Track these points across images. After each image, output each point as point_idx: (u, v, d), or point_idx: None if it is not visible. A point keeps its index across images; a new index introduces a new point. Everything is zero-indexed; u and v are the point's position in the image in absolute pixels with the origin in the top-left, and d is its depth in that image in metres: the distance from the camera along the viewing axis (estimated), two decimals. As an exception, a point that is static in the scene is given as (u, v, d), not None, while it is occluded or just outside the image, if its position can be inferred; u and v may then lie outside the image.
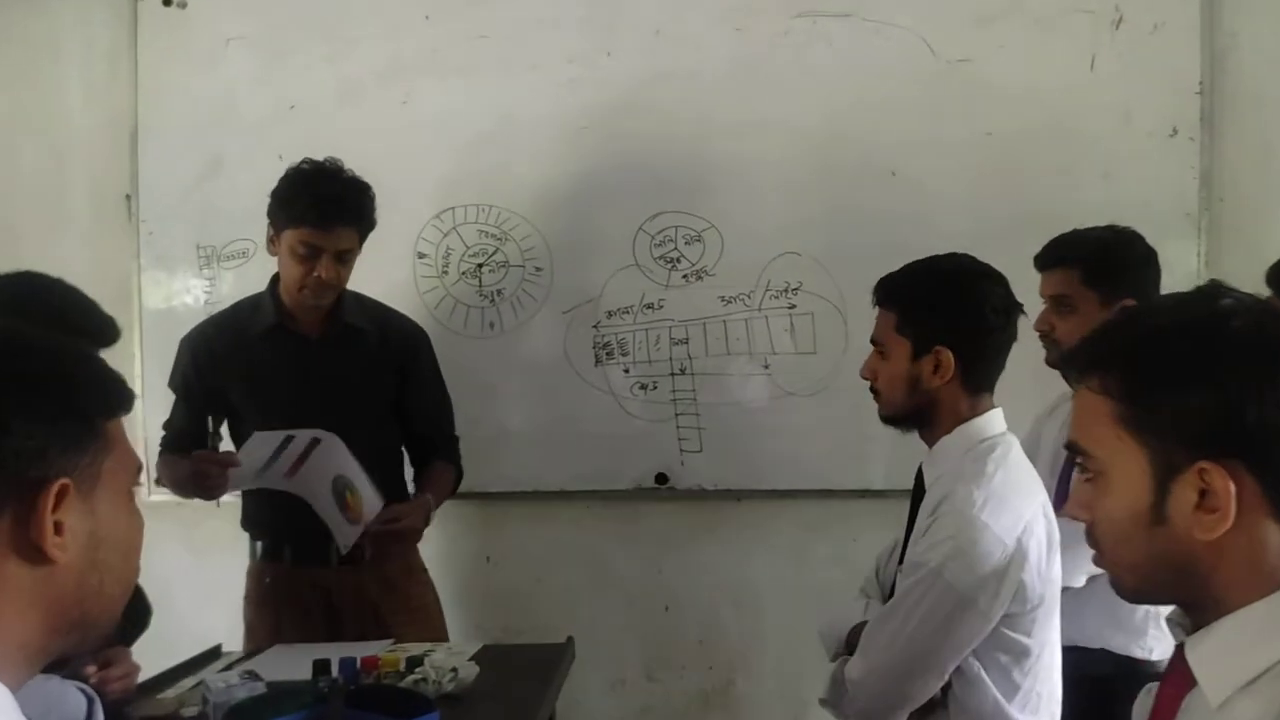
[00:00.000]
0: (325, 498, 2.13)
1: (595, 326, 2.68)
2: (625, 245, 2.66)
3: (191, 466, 2.09)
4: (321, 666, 1.67)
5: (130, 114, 2.79)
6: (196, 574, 2.87)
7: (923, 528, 1.58)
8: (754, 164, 2.61)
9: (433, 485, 2.28)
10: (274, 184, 2.73)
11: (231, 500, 2.81)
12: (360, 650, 1.79)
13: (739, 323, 2.64)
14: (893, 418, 1.69)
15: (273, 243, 2.15)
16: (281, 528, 2.25)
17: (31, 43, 2.80)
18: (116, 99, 2.79)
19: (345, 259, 2.12)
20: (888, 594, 1.70)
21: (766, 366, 2.63)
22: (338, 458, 2.07)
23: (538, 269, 2.69)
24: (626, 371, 2.68)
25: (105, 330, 1.62)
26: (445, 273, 2.72)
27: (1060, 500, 1.95)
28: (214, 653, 2.04)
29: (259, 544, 2.30)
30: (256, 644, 2.21)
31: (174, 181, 2.78)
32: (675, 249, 2.65)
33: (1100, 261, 1.95)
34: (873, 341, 1.69)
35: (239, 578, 2.87)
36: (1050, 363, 1.99)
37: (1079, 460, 0.96)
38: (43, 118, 2.81)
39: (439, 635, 2.30)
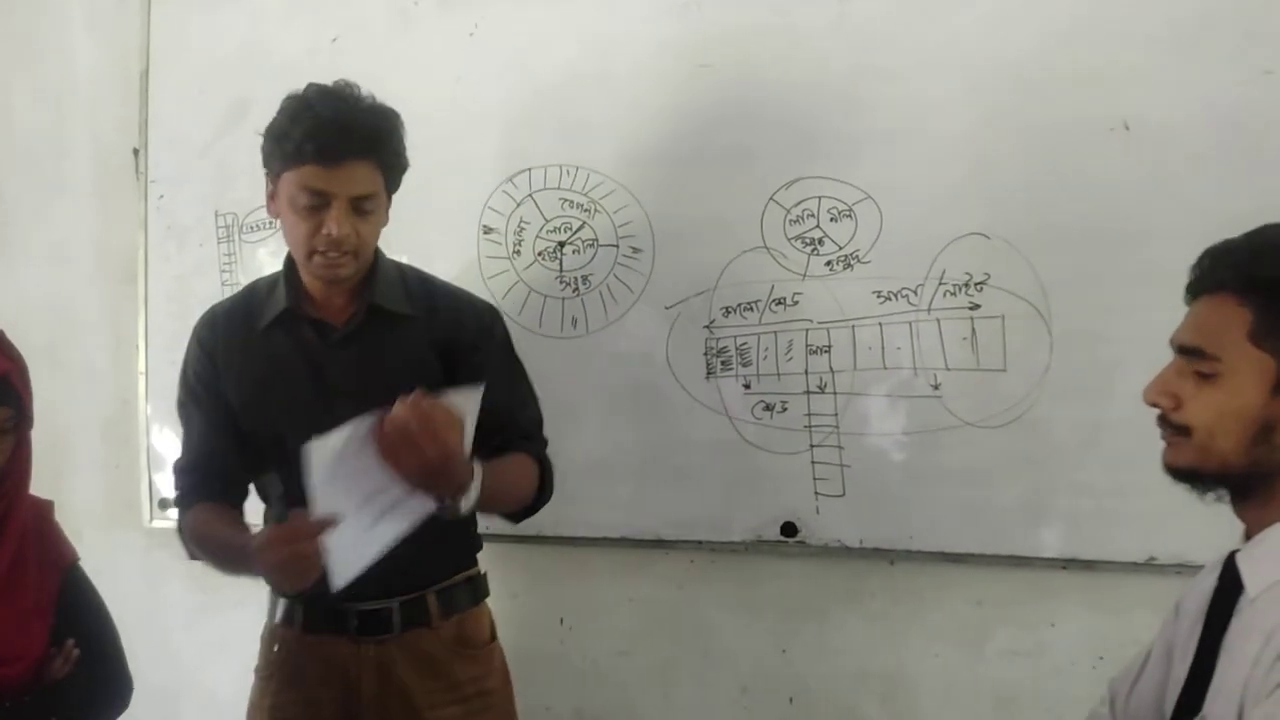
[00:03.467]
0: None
1: (708, 327, 2.05)
2: (751, 222, 2.02)
3: (274, 555, 1.38)
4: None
5: (141, 51, 2.30)
6: (205, 618, 2.35)
7: (1265, 681, 0.98)
8: (927, 114, 1.93)
9: (494, 463, 1.58)
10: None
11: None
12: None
13: (900, 327, 1.97)
14: (1196, 472, 1.09)
15: (272, 200, 1.60)
16: None
17: (26, -34, 2.34)
18: (125, 32, 2.31)
19: (366, 209, 1.56)
20: None
21: (936, 386, 1.96)
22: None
23: (635, 250, 2.08)
24: (747, 387, 2.04)
25: None
26: (517, 253, 2.14)
27: None
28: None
29: (278, 601, 1.74)
30: None
31: (190, 133, 2.30)
32: (817, 227, 2.00)
33: None
34: (1184, 350, 1.09)
35: (259, 623, 2.35)
36: None
37: None
38: (39, 56, 2.36)
39: None
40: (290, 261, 1.68)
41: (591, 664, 2.15)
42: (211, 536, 1.61)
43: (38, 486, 1.59)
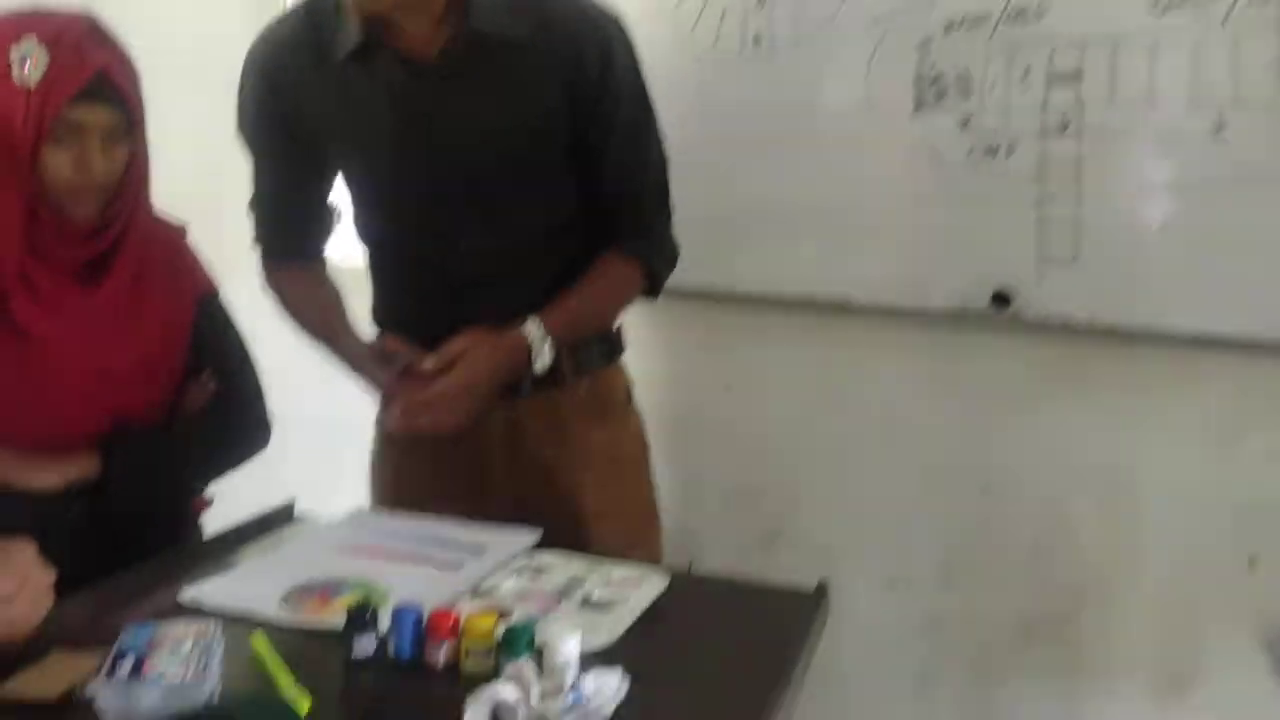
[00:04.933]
0: None
1: (922, 46, 1.66)
2: (989, -95, 1.58)
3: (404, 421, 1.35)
4: (357, 620, 0.94)
5: None
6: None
7: None
8: None
9: (570, 303, 1.42)
10: None
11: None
12: (437, 587, 1.08)
13: (1179, 46, 1.53)
14: None
15: None
16: (411, 329, 1.48)
17: None
18: None
19: None
20: None
21: (1220, 128, 1.53)
22: None
23: (837, -54, 1.69)
24: (965, 125, 1.67)
25: None
26: (690, -48, 1.78)
27: None
28: (285, 514, 1.38)
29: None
30: (376, 493, 1.56)
31: None
32: (1078, -90, 1.54)
33: None
34: None
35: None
36: None
37: None
38: None
39: (637, 500, 1.55)
40: None
41: (757, 437, 1.93)
42: (311, 323, 1.49)
43: (188, 217, 1.43)
